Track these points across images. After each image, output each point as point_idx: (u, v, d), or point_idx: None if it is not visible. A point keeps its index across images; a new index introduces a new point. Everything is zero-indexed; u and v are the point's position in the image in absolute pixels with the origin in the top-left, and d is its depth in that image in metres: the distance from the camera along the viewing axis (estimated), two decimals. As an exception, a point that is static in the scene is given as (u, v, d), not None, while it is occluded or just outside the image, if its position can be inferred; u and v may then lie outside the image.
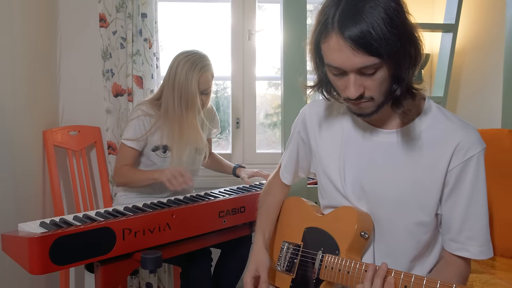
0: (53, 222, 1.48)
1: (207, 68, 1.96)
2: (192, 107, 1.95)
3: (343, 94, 1.05)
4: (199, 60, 1.95)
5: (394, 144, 1.13)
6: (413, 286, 0.96)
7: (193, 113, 1.97)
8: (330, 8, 0.97)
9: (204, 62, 1.96)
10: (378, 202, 1.15)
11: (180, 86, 1.93)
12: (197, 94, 1.94)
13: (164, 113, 1.97)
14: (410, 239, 1.13)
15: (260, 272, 1.28)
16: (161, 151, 2.01)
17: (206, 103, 2.06)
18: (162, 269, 2.60)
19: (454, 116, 1.12)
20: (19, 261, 1.36)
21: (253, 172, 2.21)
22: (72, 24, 2.51)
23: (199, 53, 1.98)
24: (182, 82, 1.92)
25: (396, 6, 0.95)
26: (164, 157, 2.03)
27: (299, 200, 1.41)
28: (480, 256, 1.09)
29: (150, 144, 2.00)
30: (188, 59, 1.94)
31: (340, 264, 1.13)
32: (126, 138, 1.97)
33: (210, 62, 2.00)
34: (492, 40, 2.31)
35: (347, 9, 0.94)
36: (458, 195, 1.08)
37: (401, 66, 0.98)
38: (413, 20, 1.00)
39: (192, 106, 1.95)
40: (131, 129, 1.97)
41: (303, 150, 1.36)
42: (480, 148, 1.06)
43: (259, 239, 1.35)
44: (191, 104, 1.95)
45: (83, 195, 2.39)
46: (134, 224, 1.49)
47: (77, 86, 2.54)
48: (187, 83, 1.92)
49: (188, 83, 1.92)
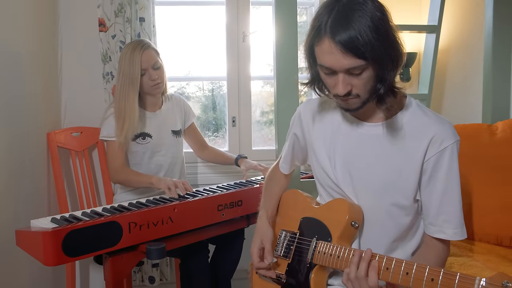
0: (63, 217, 1.59)
1: (148, 45, 2.11)
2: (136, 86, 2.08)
3: (333, 91, 1.18)
4: (139, 42, 2.11)
5: (380, 135, 1.25)
6: (394, 268, 1.07)
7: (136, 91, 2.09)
8: (323, 16, 1.10)
9: (144, 43, 2.11)
10: (363, 187, 1.27)
11: (126, 72, 2.07)
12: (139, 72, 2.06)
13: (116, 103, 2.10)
14: (390, 221, 1.25)
15: (265, 244, 1.40)
16: (141, 139, 2.16)
17: (163, 77, 2.17)
18: (164, 262, 2.71)
19: (431, 111, 1.25)
20: (34, 254, 1.47)
21: (252, 165, 2.31)
22: (72, 29, 2.61)
23: (139, 39, 2.17)
24: (128, 67, 2.06)
25: (381, 15, 1.08)
26: (144, 143, 2.17)
27: (297, 192, 1.53)
28: (455, 237, 1.21)
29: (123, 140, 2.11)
30: (129, 46, 2.10)
31: (332, 250, 1.25)
32: (108, 135, 2.11)
33: (148, 41, 2.14)
34: (473, 40, 2.44)
35: (338, 17, 1.07)
36: (435, 183, 1.20)
37: (384, 68, 1.11)
38: (395, 27, 1.12)
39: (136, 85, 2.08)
40: (108, 126, 2.12)
41: (298, 146, 1.49)
42: (453, 140, 1.18)
43: (263, 215, 1.49)
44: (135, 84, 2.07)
45: (86, 193, 2.49)
46: (139, 218, 1.60)
47: (78, 88, 2.64)
48: (132, 65, 2.06)
49: (133, 65, 2.06)
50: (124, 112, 2.07)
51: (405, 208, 1.24)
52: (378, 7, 1.10)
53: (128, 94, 2.07)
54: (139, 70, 2.06)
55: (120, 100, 2.08)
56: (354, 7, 1.08)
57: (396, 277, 1.05)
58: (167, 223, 1.68)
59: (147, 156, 2.19)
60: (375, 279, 1.08)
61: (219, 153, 2.49)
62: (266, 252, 1.39)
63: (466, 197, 1.83)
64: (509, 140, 1.85)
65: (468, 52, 2.49)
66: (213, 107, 2.98)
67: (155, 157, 2.21)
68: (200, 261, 2.01)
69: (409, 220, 1.26)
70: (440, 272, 0.97)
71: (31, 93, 2.18)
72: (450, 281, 0.94)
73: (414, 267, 1.03)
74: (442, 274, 0.97)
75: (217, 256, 2.19)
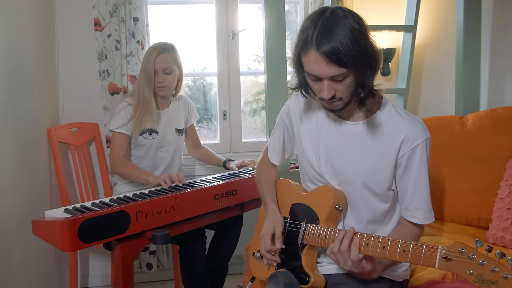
0: (75, 208, 1.73)
1: (166, 50, 2.26)
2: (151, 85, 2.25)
3: (319, 95, 1.34)
4: (160, 44, 2.27)
5: (360, 133, 1.42)
6: (372, 243, 1.25)
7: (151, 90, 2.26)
8: (309, 29, 1.26)
9: (164, 46, 2.27)
10: (345, 178, 1.44)
11: (145, 71, 2.24)
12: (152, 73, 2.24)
13: (139, 100, 2.26)
14: (367, 206, 1.43)
15: (276, 230, 1.52)
16: (147, 134, 2.31)
17: (171, 83, 2.31)
18: (160, 250, 2.87)
19: (404, 111, 1.42)
20: (51, 242, 1.61)
21: (240, 162, 2.50)
22: (69, 30, 2.72)
23: (162, 42, 2.30)
24: (146, 67, 2.24)
25: (359, 28, 1.24)
26: (151, 139, 2.32)
27: (287, 181, 1.69)
28: (424, 222, 1.39)
29: (136, 129, 2.27)
30: (151, 47, 2.28)
31: (319, 231, 1.42)
32: (117, 126, 2.26)
33: (172, 47, 2.30)
34: (446, 39, 2.63)
35: (323, 31, 1.23)
36: (408, 176, 1.38)
37: (363, 75, 1.28)
38: (372, 37, 1.28)
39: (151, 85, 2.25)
40: (118, 119, 2.27)
41: (288, 135, 1.64)
42: (423, 138, 1.35)
43: (272, 205, 1.61)
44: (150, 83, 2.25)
45: (85, 185, 2.62)
46: (145, 207, 1.75)
47: (75, 86, 2.76)
48: (149, 66, 2.24)
49: (149, 66, 2.24)
50: (143, 103, 2.25)
51: (380, 196, 1.42)
52: (357, 20, 1.26)
53: (144, 89, 2.25)
54: (152, 69, 2.23)
55: (140, 92, 2.26)
56: (336, 21, 1.24)
57: (375, 250, 1.24)
58: (170, 212, 1.84)
59: (151, 151, 2.35)
60: (356, 254, 1.25)
61: (209, 154, 2.65)
62: (277, 238, 1.51)
63: (439, 183, 2.03)
64: (478, 130, 2.04)
65: (442, 49, 2.69)
66: (204, 102, 3.12)
67: (159, 152, 2.37)
68: (198, 247, 2.17)
69: (386, 206, 1.44)
70: (410, 244, 1.16)
71: (31, 90, 2.30)
72: (418, 251, 1.14)
73: (389, 241, 1.21)
74: (412, 246, 1.16)
75: (215, 242, 2.35)
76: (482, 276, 0.98)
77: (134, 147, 2.35)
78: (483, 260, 0.99)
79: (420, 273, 1.55)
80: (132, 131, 2.28)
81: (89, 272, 2.91)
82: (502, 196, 1.79)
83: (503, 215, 1.74)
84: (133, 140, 2.32)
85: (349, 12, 1.26)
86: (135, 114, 2.25)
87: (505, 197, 1.77)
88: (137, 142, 2.32)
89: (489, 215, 1.85)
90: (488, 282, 0.97)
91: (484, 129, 2.03)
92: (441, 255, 1.08)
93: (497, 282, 0.96)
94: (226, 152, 2.98)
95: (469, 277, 1.01)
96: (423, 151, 1.35)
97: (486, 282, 0.97)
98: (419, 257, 1.13)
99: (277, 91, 2.11)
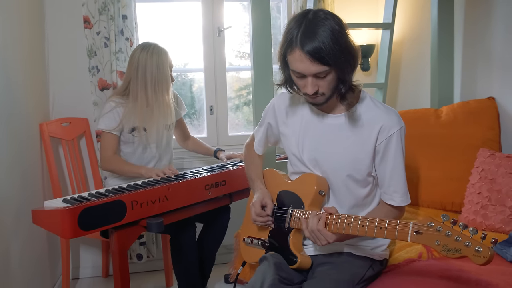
0: (73, 198, 1.82)
1: (167, 51, 2.37)
2: (167, 88, 2.35)
3: (303, 90, 1.46)
4: (160, 48, 2.35)
5: (342, 125, 1.54)
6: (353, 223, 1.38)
7: (167, 92, 2.36)
8: (294, 30, 1.38)
9: (163, 48, 2.36)
10: (327, 167, 1.56)
11: (154, 75, 2.30)
12: (169, 74, 2.35)
13: (133, 100, 2.32)
14: (348, 192, 1.56)
15: (266, 200, 1.65)
16: (136, 132, 2.38)
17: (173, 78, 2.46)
18: (150, 240, 2.96)
19: (380, 103, 1.55)
20: (52, 230, 1.70)
21: (230, 154, 2.61)
22: (58, 27, 2.78)
23: (154, 43, 2.37)
24: (155, 70, 2.30)
25: (339, 29, 1.37)
26: (139, 136, 2.40)
27: (273, 171, 1.80)
28: (402, 203, 1.53)
29: (126, 127, 2.35)
30: (152, 52, 2.32)
31: (305, 215, 1.54)
32: (107, 128, 2.33)
33: None
34: (422, 36, 2.77)
35: (306, 32, 1.35)
36: (385, 162, 1.51)
37: (344, 72, 1.41)
38: (351, 37, 1.41)
39: (167, 87, 2.35)
40: (107, 120, 2.33)
41: (271, 132, 1.76)
42: (398, 127, 1.48)
43: (259, 183, 1.74)
44: (166, 86, 2.34)
45: (76, 179, 2.70)
46: (140, 197, 1.85)
47: (65, 82, 2.82)
48: (161, 69, 2.31)
49: (162, 69, 2.31)
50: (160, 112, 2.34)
51: (361, 182, 1.54)
52: (337, 22, 1.39)
53: (163, 96, 2.33)
54: (168, 70, 2.33)
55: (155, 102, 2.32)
56: (318, 23, 1.36)
57: (355, 229, 1.37)
58: (163, 201, 1.93)
59: (140, 148, 2.42)
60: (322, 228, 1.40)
61: (199, 144, 2.75)
62: (268, 206, 1.64)
63: (416, 171, 2.17)
64: (452, 122, 2.19)
65: (418, 46, 2.84)
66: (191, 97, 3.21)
67: (148, 149, 2.44)
68: (188, 237, 2.26)
69: (366, 191, 1.56)
70: (386, 221, 1.30)
71: (22, 86, 2.35)
72: (393, 227, 1.28)
73: (367, 220, 1.35)
74: (387, 223, 1.30)
75: (204, 232, 2.45)
76: (448, 246, 1.13)
77: (123, 144, 2.42)
78: (449, 231, 1.13)
79: (398, 253, 1.68)
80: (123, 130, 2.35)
81: (80, 263, 2.98)
82: (473, 182, 1.93)
83: (474, 200, 1.89)
84: (122, 138, 2.39)
85: (330, 14, 1.39)
86: (126, 114, 2.31)
87: (476, 183, 1.91)
88: (126, 140, 2.39)
89: (461, 200, 1.99)
90: (452, 250, 1.12)
91: (457, 121, 2.17)
92: (412, 229, 1.22)
93: (460, 250, 1.11)
94: (213, 146, 3.08)
95: (436, 247, 1.15)
96: (398, 139, 1.48)
97: (451, 250, 1.12)
98: (393, 232, 1.27)
99: (263, 85, 2.22)
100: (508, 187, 1.80)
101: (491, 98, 2.23)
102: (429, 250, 1.63)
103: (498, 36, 2.24)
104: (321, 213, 1.44)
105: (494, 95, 2.25)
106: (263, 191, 1.70)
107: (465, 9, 2.46)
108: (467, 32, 2.46)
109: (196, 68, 3.13)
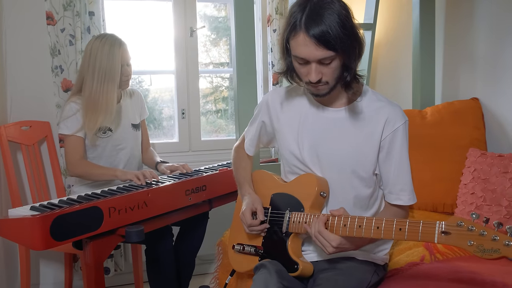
0: (42, 205, 1.63)
1: (123, 42, 2.19)
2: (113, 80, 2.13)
3: (305, 79, 1.36)
4: (114, 38, 2.17)
5: (343, 119, 1.45)
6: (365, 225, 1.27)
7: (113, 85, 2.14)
8: (297, 14, 1.29)
9: (119, 39, 2.18)
10: (329, 165, 1.46)
11: (104, 67, 2.11)
12: (120, 68, 2.14)
13: (88, 97, 2.12)
14: (351, 191, 1.46)
15: (257, 206, 1.52)
16: (101, 132, 2.19)
17: (131, 73, 2.26)
18: (118, 253, 2.76)
19: (383, 97, 1.48)
20: (20, 241, 1.52)
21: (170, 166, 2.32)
22: (18, 23, 2.57)
23: (110, 34, 2.20)
24: (106, 62, 2.11)
25: (346, 13, 1.29)
26: (105, 137, 2.20)
27: (263, 172, 1.68)
28: (409, 202, 1.45)
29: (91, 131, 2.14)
30: (104, 42, 2.14)
31: (306, 218, 1.43)
32: (68, 132, 2.13)
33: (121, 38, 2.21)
34: (403, 37, 2.75)
35: (311, 15, 1.26)
36: (391, 158, 1.43)
37: (350, 58, 1.32)
38: (357, 23, 1.33)
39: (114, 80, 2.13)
40: (70, 122, 2.13)
41: (264, 131, 1.64)
42: (403, 120, 1.43)
43: (247, 188, 1.61)
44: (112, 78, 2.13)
45: (37, 186, 2.48)
46: (118, 203, 1.68)
47: (25, 82, 2.60)
48: (112, 60, 2.12)
49: (112, 60, 2.11)
50: (101, 105, 2.10)
51: (365, 180, 1.45)
52: (343, 6, 1.30)
53: (107, 89, 2.11)
54: (119, 65, 2.12)
55: (96, 94, 2.10)
56: (324, 5, 1.27)
57: (368, 232, 1.26)
58: (142, 208, 1.77)
59: (107, 150, 2.23)
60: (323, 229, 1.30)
61: (152, 159, 2.47)
62: (258, 211, 1.51)
63: (405, 173, 2.11)
64: (438, 122, 2.15)
65: (400, 47, 2.81)
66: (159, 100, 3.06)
67: (115, 150, 2.25)
68: (166, 245, 2.10)
69: (369, 191, 1.47)
70: (406, 222, 1.19)
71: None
72: (415, 228, 1.17)
73: (383, 221, 1.24)
74: (408, 224, 1.18)
75: (181, 239, 2.28)
76: (483, 246, 1.03)
77: (89, 148, 2.22)
78: (483, 230, 1.04)
79: (398, 256, 1.60)
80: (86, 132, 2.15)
81: (39, 279, 2.74)
82: (466, 182, 1.89)
83: (467, 200, 1.85)
84: (87, 142, 2.20)
85: None
86: (86, 115, 2.11)
87: (469, 183, 1.87)
88: (91, 142, 2.19)
89: (453, 201, 1.95)
90: (489, 250, 1.02)
91: (444, 121, 2.14)
92: (439, 229, 1.12)
93: (499, 250, 1.02)
94: (185, 151, 2.94)
95: (469, 248, 1.05)
96: (403, 133, 1.42)
97: (488, 251, 1.02)
98: (416, 233, 1.16)
99: (246, 86, 2.11)
100: (502, 187, 1.77)
101: (475, 99, 2.22)
102: (432, 253, 1.57)
103: (480, 36, 2.23)
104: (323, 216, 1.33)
105: (476, 95, 2.24)
106: (252, 196, 1.58)
107: (446, 9, 2.45)
108: (448, 32, 2.46)
109: (166, 70, 2.98)
